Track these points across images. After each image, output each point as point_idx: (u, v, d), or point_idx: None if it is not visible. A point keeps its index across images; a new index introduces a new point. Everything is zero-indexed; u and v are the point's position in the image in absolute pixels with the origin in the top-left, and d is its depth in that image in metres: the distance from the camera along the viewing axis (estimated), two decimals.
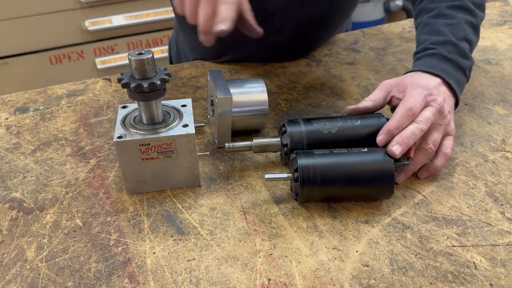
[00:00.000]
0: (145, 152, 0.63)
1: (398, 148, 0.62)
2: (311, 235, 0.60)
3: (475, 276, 0.55)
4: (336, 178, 0.62)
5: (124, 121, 0.66)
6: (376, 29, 1.16)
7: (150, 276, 0.55)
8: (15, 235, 0.61)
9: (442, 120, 0.67)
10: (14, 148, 0.77)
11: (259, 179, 0.70)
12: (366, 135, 0.67)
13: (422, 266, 0.56)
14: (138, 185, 0.66)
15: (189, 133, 0.63)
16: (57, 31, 1.97)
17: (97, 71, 2.10)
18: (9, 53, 1.96)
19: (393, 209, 0.64)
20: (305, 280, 0.54)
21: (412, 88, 0.68)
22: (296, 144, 0.67)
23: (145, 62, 0.60)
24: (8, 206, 0.66)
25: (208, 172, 0.71)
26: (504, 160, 0.72)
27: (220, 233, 0.61)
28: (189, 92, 0.92)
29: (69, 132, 0.81)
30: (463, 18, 0.77)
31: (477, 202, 0.65)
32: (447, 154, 0.68)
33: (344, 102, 0.87)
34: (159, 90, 0.62)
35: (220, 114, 0.70)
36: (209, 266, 0.56)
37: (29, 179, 0.71)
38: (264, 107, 0.75)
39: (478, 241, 0.59)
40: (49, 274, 0.56)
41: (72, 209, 0.65)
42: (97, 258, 0.58)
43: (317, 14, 0.94)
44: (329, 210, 0.64)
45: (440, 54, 0.73)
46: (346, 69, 0.98)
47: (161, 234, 0.61)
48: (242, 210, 0.64)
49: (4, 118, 0.85)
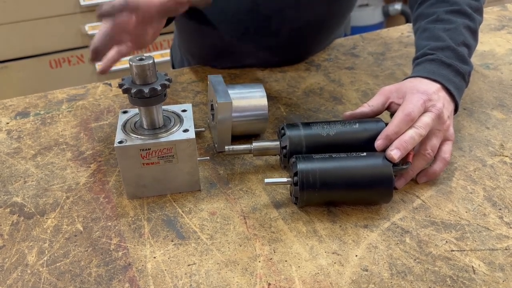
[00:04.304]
0: (146, 156, 0.63)
1: (397, 153, 0.63)
2: (311, 239, 0.61)
3: (474, 280, 0.55)
4: (336, 182, 0.62)
5: (124, 126, 0.66)
6: (375, 34, 1.17)
7: (151, 281, 0.55)
8: (16, 240, 0.61)
9: (441, 125, 0.68)
10: (15, 152, 0.78)
11: (259, 183, 0.70)
12: (364, 139, 0.68)
13: (421, 270, 0.56)
14: (138, 190, 0.67)
15: (189, 138, 0.64)
16: (57, 35, 1.98)
17: (97, 75, 2.11)
18: (9, 57, 1.96)
19: (392, 213, 0.64)
20: (304, 284, 0.55)
21: (412, 93, 0.68)
22: (295, 147, 0.68)
23: (146, 67, 0.61)
24: (9, 211, 0.66)
25: (208, 177, 0.71)
26: (502, 164, 0.73)
27: (220, 238, 0.61)
28: (189, 96, 0.92)
29: (70, 136, 0.81)
30: (461, 23, 0.77)
31: (476, 207, 0.65)
32: (445, 159, 0.69)
33: (343, 107, 0.88)
34: (160, 96, 0.62)
35: (220, 119, 0.71)
36: (209, 270, 0.57)
37: (30, 183, 0.71)
38: (263, 112, 0.76)
39: (477, 245, 0.59)
40: (50, 278, 0.56)
41: (72, 213, 0.65)
42: (98, 263, 0.58)
43: (314, 18, 0.95)
44: (329, 214, 0.64)
45: (439, 59, 0.73)
46: (345, 74, 0.99)
47: (161, 239, 0.61)
48: (242, 215, 0.64)
49: (5, 122, 0.86)
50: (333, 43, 1.12)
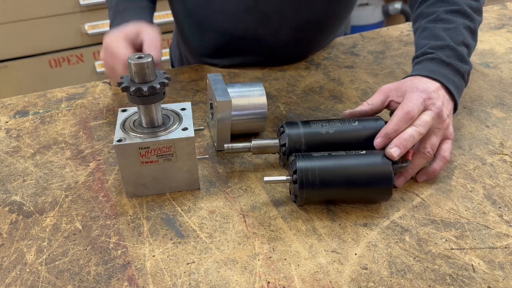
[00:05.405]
0: (145, 155, 0.63)
1: (396, 151, 0.63)
2: (310, 238, 0.60)
3: (473, 278, 0.55)
4: (335, 180, 0.62)
5: (123, 125, 0.66)
6: (374, 33, 1.17)
7: (150, 279, 0.55)
8: (14, 239, 0.61)
9: (440, 124, 0.68)
10: (14, 151, 0.78)
11: (258, 182, 0.70)
12: (364, 137, 0.68)
13: (420, 269, 0.56)
14: (137, 188, 0.66)
15: (189, 137, 0.64)
16: (56, 35, 1.98)
17: (97, 75, 2.11)
18: (9, 56, 1.96)
19: (392, 212, 0.64)
20: (304, 283, 0.55)
21: (411, 92, 0.68)
22: (295, 144, 0.68)
23: (144, 66, 0.60)
24: (8, 210, 0.66)
25: (208, 175, 0.71)
26: (502, 163, 0.72)
27: (219, 236, 0.61)
28: (188, 95, 0.92)
29: (69, 135, 0.81)
30: (461, 22, 0.77)
31: (475, 205, 0.65)
32: (445, 157, 0.69)
33: (343, 106, 0.87)
34: (159, 94, 0.62)
35: (220, 118, 0.71)
36: (209, 269, 0.57)
37: (28, 182, 0.71)
38: (263, 111, 0.76)
39: (476, 244, 0.59)
40: (49, 277, 0.56)
41: (71, 212, 0.65)
42: (97, 261, 0.58)
43: (313, 16, 0.95)
44: (328, 213, 0.64)
45: (439, 58, 0.73)
46: (345, 73, 0.99)
47: (160, 237, 0.61)
48: (241, 213, 0.64)
49: (4, 121, 0.86)
50: (333, 42, 1.12)
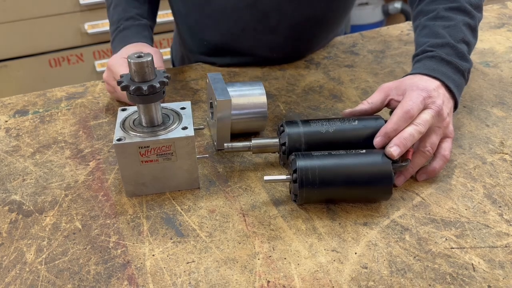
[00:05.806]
0: (145, 154, 0.63)
1: (396, 150, 0.63)
2: (310, 237, 0.60)
3: (474, 278, 0.55)
4: (335, 180, 0.62)
5: (123, 124, 0.66)
6: (374, 32, 1.17)
7: (150, 279, 0.55)
8: (14, 238, 0.61)
9: (440, 122, 0.67)
10: (13, 150, 0.78)
11: (258, 181, 0.70)
12: (364, 136, 0.68)
13: (420, 268, 0.56)
14: (137, 188, 0.66)
15: (188, 136, 0.63)
16: (56, 34, 1.97)
17: (97, 74, 2.11)
18: (9, 56, 1.96)
19: (392, 211, 0.64)
20: (304, 282, 0.54)
21: (411, 90, 0.68)
22: (295, 144, 0.68)
23: (144, 65, 0.60)
24: (7, 209, 0.66)
25: (207, 175, 0.71)
26: (502, 162, 0.72)
27: (219, 236, 0.61)
28: (188, 94, 0.92)
29: (69, 134, 0.81)
30: (461, 20, 0.77)
31: (476, 204, 0.65)
32: (445, 156, 0.69)
33: (343, 105, 0.87)
34: (159, 93, 0.62)
35: (219, 117, 0.71)
36: (208, 268, 0.56)
37: (28, 181, 0.71)
38: (263, 110, 0.75)
39: (477, 243, 0.59)
40: (49, 276, 0.56)
41: (71, 211, 0.65)
42: (97, 261, 0.58)
43: (313, 14, 0.95)
44: (328, 212, 0.64)
45: (439, 56, 0.73)
46: (345, 72, 0.99)
47: (160, 237, 0.61)
48: (241, 212, 0.64)
49: (4, 120, 0.86)
50: (333, 41, 1.12)
